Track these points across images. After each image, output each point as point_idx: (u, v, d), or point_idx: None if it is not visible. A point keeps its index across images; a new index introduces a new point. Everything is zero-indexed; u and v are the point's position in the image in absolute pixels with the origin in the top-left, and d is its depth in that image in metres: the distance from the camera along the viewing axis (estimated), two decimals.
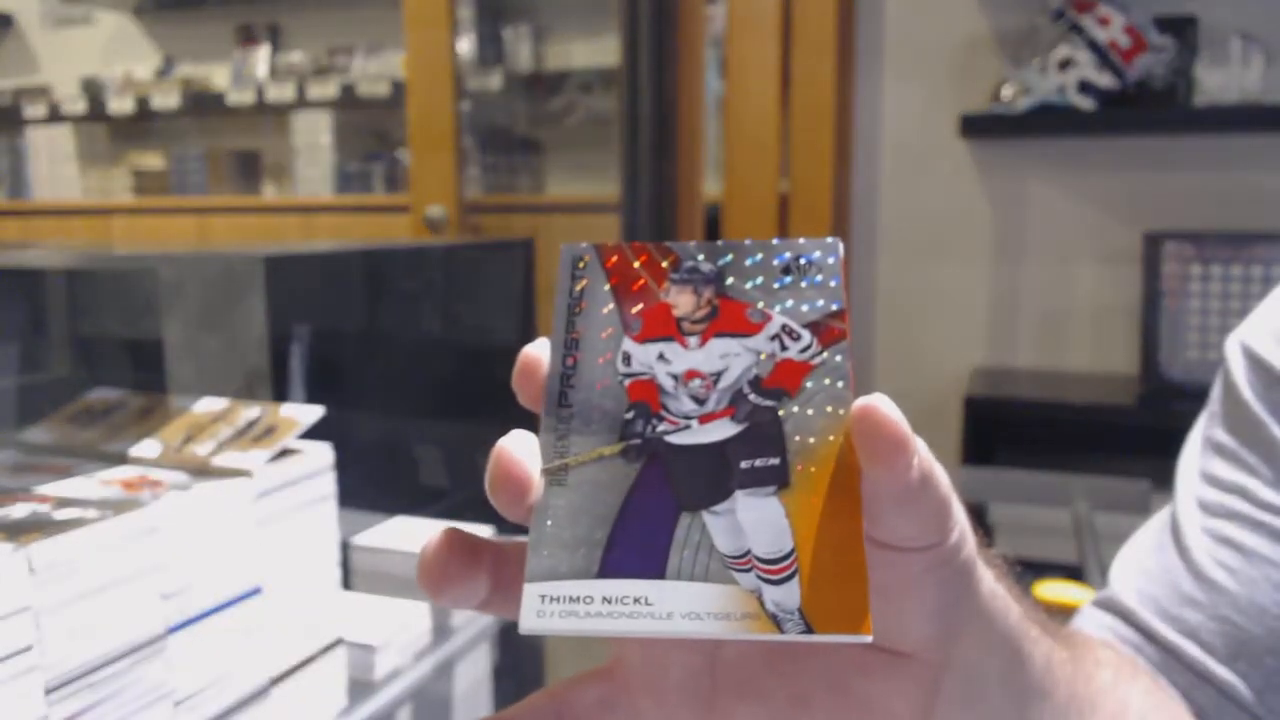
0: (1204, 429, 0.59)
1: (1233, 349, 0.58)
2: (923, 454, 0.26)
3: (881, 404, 0.25)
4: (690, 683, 0.33)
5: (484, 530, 1.06)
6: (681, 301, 0.29)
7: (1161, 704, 0.51)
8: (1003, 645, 0.33)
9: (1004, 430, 2.01)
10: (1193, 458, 0.59)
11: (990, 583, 0.32)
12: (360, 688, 0.87)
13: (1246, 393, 0.56)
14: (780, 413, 0.27)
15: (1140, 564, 0.59)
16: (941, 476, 0.27)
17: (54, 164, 3.63)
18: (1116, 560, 0.61)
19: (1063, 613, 0.52)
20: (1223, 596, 0.54)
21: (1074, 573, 1.48)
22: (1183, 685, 0.54)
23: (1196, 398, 0.62)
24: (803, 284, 0.29)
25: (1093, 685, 0.41)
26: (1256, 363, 0.56)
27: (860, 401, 0.26)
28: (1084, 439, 2.02)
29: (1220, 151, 2.06)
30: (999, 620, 0.32)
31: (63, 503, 0.62)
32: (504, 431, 0.27)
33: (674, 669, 0.33)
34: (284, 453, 0.74)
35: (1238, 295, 1.91)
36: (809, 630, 0.25)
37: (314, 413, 0.76)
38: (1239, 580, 0.53)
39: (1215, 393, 0.60)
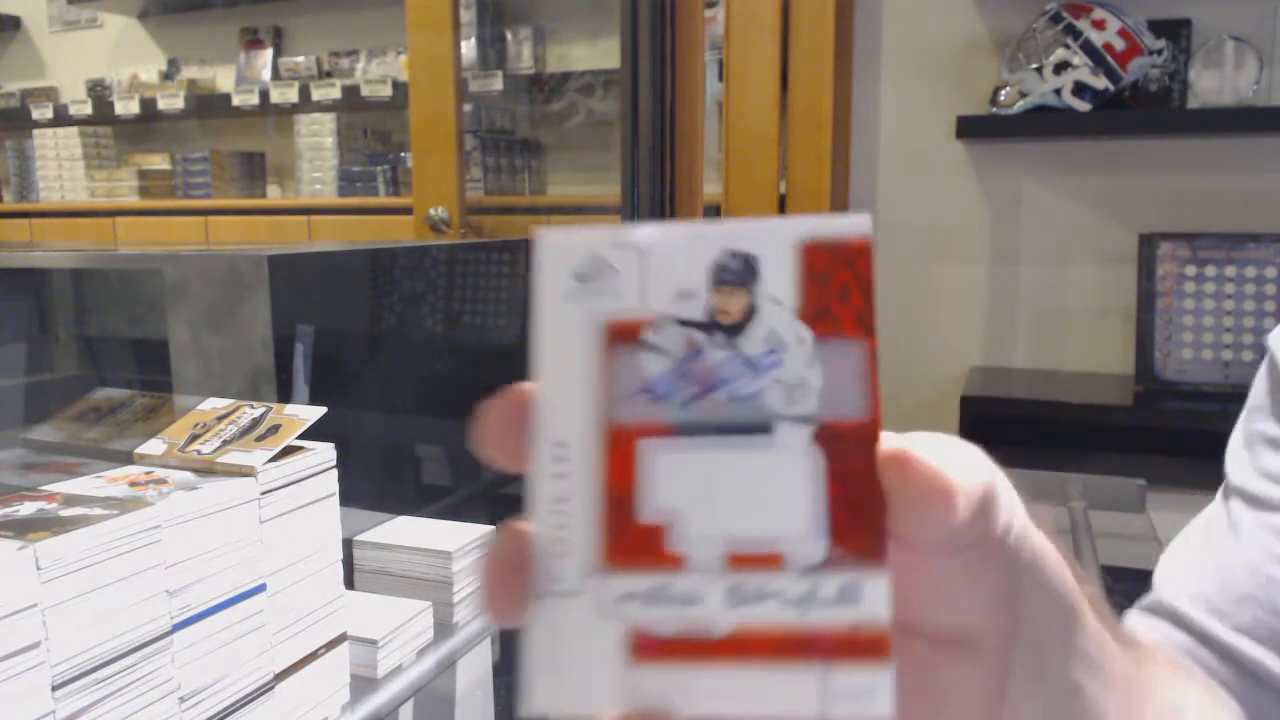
0: (1250, 425, 0.57)
1: (1278, 343, 0.57)
2: (966, 484, 0.25)
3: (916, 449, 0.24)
4: None
5: (484, 529, 1.08)
6: None
7: (1219, 708, 0.48)
8: (1060, 604, 0.31)
9: (1001, 429, 2.01)
10: (1240, 453, 0.57)
11: (1042, 542, 0.30)
12: (363, 684, 0.88)
13: None
14: None
15: (1187, 565, 0.56)
16: (975, 473, 0.26)
17: (61, 166, 3.64)
18: (1160, 564, 0.58)
19: None
20: None
21: None
22: (1238, 691, 0.51)
23: (1191, 397, 0.62)
24: None
25: (1144, 671, 0.38)
26: None
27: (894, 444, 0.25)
28: (1080, 438, 2.03)
29: (1214, 153, 2.07)
30: (1055, 579, 0.31)
31: (69, 500, 0.63)
32: None
33: None
34: (287, 451, 0.74)
35: (1232, 295, 1.92)
36: None
37: (316, 412, 0.77)
38: None
39: (1260, 386, 0.58)
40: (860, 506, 0.24)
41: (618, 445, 0.25)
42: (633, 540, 0.24)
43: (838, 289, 0.25)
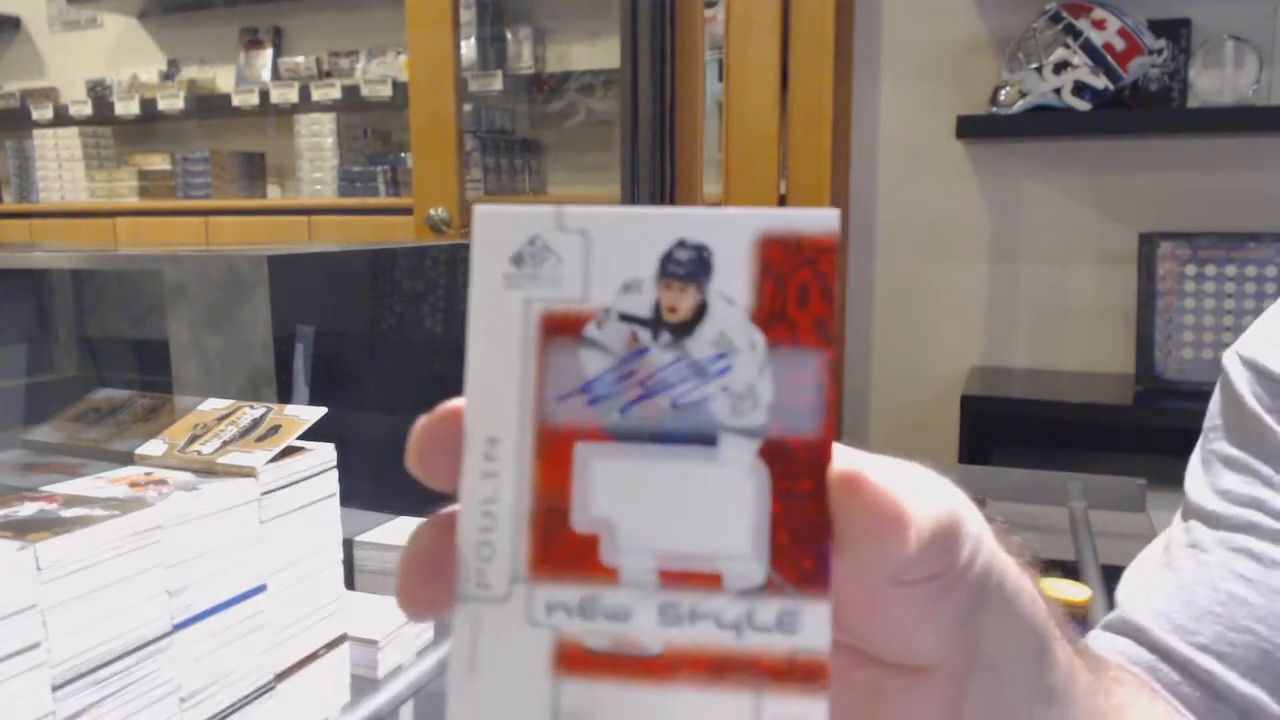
0: (1207, 445, 0.58)
1: (1232, 363, 0.57)
2: (919, 515, 0.23)
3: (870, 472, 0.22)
4: None
5: None
6: None
7: None
8: (1027, 640, 0.30)
9: (1001, 429, 2.01)
10: (1198, 475, 0.58)
11: (1014, 577, 0.29)
12: (363, 684, 0.87)
13: (1254, 404, 0.55)
14: None
15: (1149, 583, 0.56)
16: (933, 502, 0.24)
17: (61, 166, 3.64)
18: (1122, 583, 0.58)
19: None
20: (1243, 607, 0.51)
21: (1070, 570, 1.48)
22: (1200, 708, 0.51)
23: (1191, 396, 0.62)
24: None
25: (1112, 700, 0.38)
26: (1262, 373, 0.55)
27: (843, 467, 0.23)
28: (1080, 437, 2.03)
29: (1214, 153, 2.07)
30: (1024, 615, 0.30)
31: (70, 501, 0.63)
32: None
33: None
34: (288, 452, 0.74)
35: (1232, 295, 1.92)
36: None
37: (317, 413, 0.77)
38: (1260, 590, 0.51)
39: (1215, 408, 0.58)
40: (805, 530, 0.22)
41: (552, 447, 0.23)
42: (563, 549, 0.23)
43: (796, 291, 0.22)
